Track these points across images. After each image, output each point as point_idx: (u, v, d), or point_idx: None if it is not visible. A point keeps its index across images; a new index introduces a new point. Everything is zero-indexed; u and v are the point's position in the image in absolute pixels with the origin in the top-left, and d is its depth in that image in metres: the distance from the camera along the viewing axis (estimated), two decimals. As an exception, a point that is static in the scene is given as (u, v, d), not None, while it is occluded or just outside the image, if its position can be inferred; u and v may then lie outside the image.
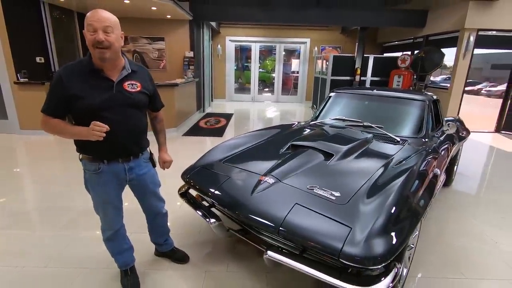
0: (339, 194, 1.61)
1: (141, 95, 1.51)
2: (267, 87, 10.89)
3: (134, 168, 1.58)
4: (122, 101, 1.43)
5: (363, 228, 1.36)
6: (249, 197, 1.68)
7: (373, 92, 3.01)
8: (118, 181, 1.57)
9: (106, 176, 1.51)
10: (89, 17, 1.28)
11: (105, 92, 1.39)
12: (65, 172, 3.61)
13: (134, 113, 1.49)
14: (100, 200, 1.58)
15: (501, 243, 2.36)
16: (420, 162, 1.96)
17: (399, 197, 1.54)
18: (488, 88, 17.76)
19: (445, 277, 1.95)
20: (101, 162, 1.48)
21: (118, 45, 1.36)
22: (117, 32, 1.35)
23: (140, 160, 1.61)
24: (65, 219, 2.53)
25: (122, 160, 1.52)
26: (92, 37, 1.28)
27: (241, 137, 2.57)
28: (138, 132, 1.55)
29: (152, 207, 1.81)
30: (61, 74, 1.33)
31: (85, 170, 1.53)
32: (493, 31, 5.85)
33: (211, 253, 2.15)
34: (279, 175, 1.81)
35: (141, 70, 1.56)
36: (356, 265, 1.27)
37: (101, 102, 1.37)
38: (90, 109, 1.35)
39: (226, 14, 6.95)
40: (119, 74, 1.43)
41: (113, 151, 1.48)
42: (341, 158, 2.03)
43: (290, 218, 1.49)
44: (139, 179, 1.64)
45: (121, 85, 1.43)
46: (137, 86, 1.48)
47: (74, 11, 6.16)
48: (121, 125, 1.43)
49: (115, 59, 1.40)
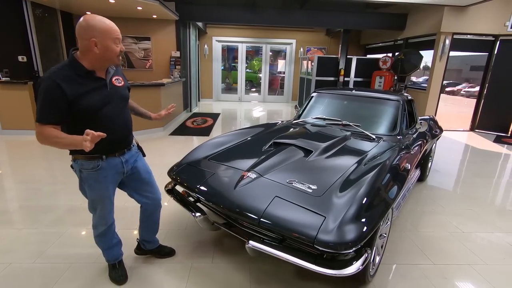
0: (315, 187, 1.73)
1: (125, 88, 1.64)
2: (254, 87, 11.01)
3: (129, 160, 1.66)
4: (115, 96, 1.53)
5: (336, 217, 1.49)
6: (233, 191, 1.78)
7: (351, 93, 3.16)
8: (116, 175, 1.63)
9: (105, 172, 1.56)
10: (114, 31, 1.40)
11: (102, 91, 1.47)
12: (50, 171, 3.60)
13: (124, 106, 1.61)
14: (99, 196, 1.60)
15: (466, 232, 2.56)
16: (392, 158, 2.11)
17: (369, 188, 1.67)
18: (467, 89, 18.50)
19: (416, 264, 2.11)
20: (99, 159, 1.52)
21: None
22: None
23: (132, 151, 1.70)
24: (51, 217, 2.55)
25: (118, 154, 1.59)
26: (118, 48, 1.42)
27: (226, 135, 2.66)
28: (130, 123, 1.66)
29: (152, 199, 1.84)
30: (55, 79, 1.33)
31: (81, 170, 1.53)
32: (467, 35, 6.17)
33: (197, 247, 2.23)
34: (261, 171, 1.92)
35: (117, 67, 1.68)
36: (330, 250, 1.40)
37: (101, 100, 1.45)
38: (93, 109, 1.42)
39: (212, 15, 7.01)
40: (107, 73, 1.52)
41: (112, 145, 1.55)
42: (320, 154, 2.16)
43: (270, 210, 1.60)
44: (134, 169, 1.71)
45: (111, 82, 1.53)
46: (121, 81, 1.60)
47: (57, 9, 6.09)
48: (118, 119, 1.53)
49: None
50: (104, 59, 1.42)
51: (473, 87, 18.33)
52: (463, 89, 18.73)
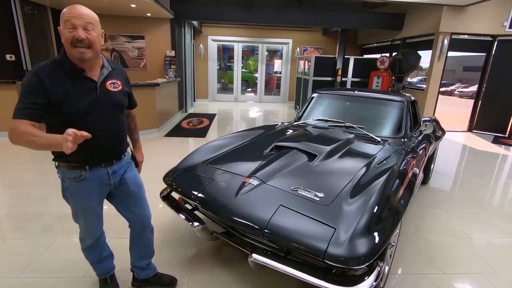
0: (323, 195, 1.62)
1: (123, 94, 1.42)
2: (250, 87, 10.89)
3: (117, 171, 1.47)
4: (106, 102, 1.33)
5: (347, 229, 1.38)
6: (233, 199, 1.66)
7: (354, 93, 3.06)
8: (101, 187, 1.44)
9: (88, 183, 1.38)
10: (67, 13, 1.15)
11: (89, 94, 1.27)
12: (39, 175, 3.44)
13: (117, 113, 1.41)
14: (81, 208, 1.45)
15: (475, 238, 2.47)
16: (400, 162, 2.01)
17: (381, 196, 1.57)
18: (460, 89, 18.64)
19: (425, 273, 2.01)
20: (82, 169, 1.35)
21: (98, 44, 1.25)
22: (98, 30, 1.24)
23: (122, 161, 1.50)
24: (39, 226, 2.40)
25: (104, 164, 1.40)
26: (71, 34, 1.15)
27: (224, 138, 2.54)
28: (122, 133, 1.46)
29: (138, 216, 1.61)
30: (40, 75, 1.17)
31: (63, 179, 1.38)
32: (465, 35, 6.13)
33: (194, 257, 2.11)
34: (263, 177, 1.81)
35: (118, 67, 1.47)
36: (341, 265, 1.28)
37: (87, 105, 1.26)
38: (75, 113, 1.23)
39: (208, 14, 6.87)
40: (100, 73, 1.32)
41: (97, 155, 1.37)
42: (324, 158, 2.05)
43: (274, 220, 1.49)
44: (122, 181, 1.51)
45: (104, 85, 1.33)
46: (118, 85, 1.39)
47: (47, 6, 5.88)
48: (105, 127, 1.34)
49: (95, 58, 1.29)
50: (68, 51, 1.21)
51: (467, 87, 18.50)
52: (457, 89, 18.87)
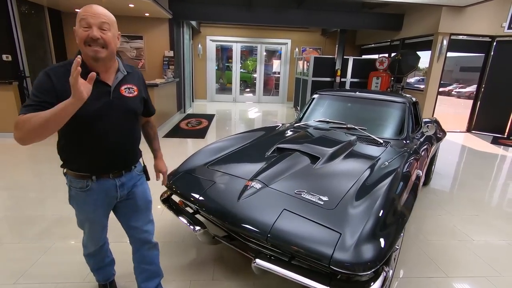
0: (327, 199, 1.59)
1: (138, 100, 1.34)
2: (248, 87, 10.86)
3: (126, 184, 1.37)
4: (119, 108, 1.24)
5: (353, 234, 1.35)
6: (236, 203, 1.63)
7: (355, 94, 3.04)
8: (107, 200, 1.36)
9: (95, 195, 1.31)
10: (82, 12, 1.11)
11: (101, 98, 1.19)
12: (36, 177, 3.39)
13: (130, 120, 1.32)
14: (86, 218, 1.40)
15: (477, 240, 2.46)
16: (403, 164, 1.99)
17: (386, 200, 1.54)
18: (458, 90, 18.72)
19: (428, 277, 1.99)
20: (89, 179, 1.28)
21: (114, 45, 1.19)
22: (114, 31, 1.18)
23: (132, 173, 1.41)
24: (37, 229, 2.36)
25: (113, 175, 1.32)
26: (85, 33, 1.10)
27: (225, 140, 2.51)
28: (134, 142, 1.37)
29: (138, 233, 1.50)
30: (50, 75, 1.12)
31: (70, 187, 1.33)
32: (464, 36, 6.14)
33: (195, 261, 2.08)
34: (265, 180, 1.78)
35: (135, 71, 1.38)
36: (347, 271, 1.26)
37: (97, 110, 1.18)
38: (85, 117, 1.15)
39: (207, 14, 6.84)
40: (115, 77, 1.24)
41: (105, 165, 1.29)
42: (327, 161, 2.02)
43: (278, 225, 1.46)
44: (130, 195, 1.42)
45: (118, 90, 1.25)
46: (134, 90, 1.31)
47: (44, 6, 5.82)
48: (116, 135, 1.26)
49: (110, 60, 1.22)
50: (82, 51, 1.15)
51: (464, 88, 18.58)
52: (454, 89, 18.95)
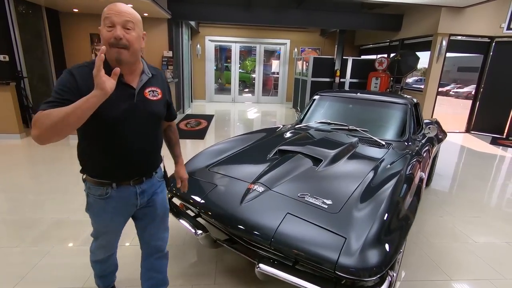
0: (331, 202, 1.57)
1: (162, 104, 1.27)
2: (247, 88, 10.83)
3: (146, 191, 1.32)
4: (142, 111, 1.19)
5: (358, 238, 1.33)
6: (239, 207, 1.61)
7: (356, 96, 3.03)
8: (127, 208, 1.30)
9: (114, 203, 1.25)
10: (106, 10, 1.07)
11: (125, 101, 1.13)
12: (34, 179, 3.35)
13: (153, 125, 1.26)
14: (103, 227, 1.34)
15: (479, 242, 2.45)
16: (406, 167, 1.98)
17: (390, 203, 1.53)
18: (455, 90, 18.78)
19: (432, 280, 1.98)
20: (109, 186, 1.22)
21: (138, 46, 1.13)
22: (138, 30, 1.12)
23: (153, 180, 1.35)
24: (35, 233, 2.32)
25: (134, 182, 1.26)
26: (110, 33, 1.05)
27: (226, 142, 2.49)
28: (156, 148, 1.32)
29: (153, 240, 1.45)
30: (73, 72, 1.07)
31: (88, 194, 1.27)
32: (463, 36, 6.15)
33: (197, 264, 2.05)
34: (268, 183, 1.76)
35: (159, 74, 1.31)
36: (352, 277, 1.24)
37: (120, 113, 1.12)
38: (107, 121, 1.10)
39: (206, 14, 6.81)
40: (139, 79, 1.19)
41: (126, 171, 1.23)
42: (330, 163, 2.00)
43: (282, 229, 1.44)
44: (150, 203, 1.36)
45: (142, 93, 1.19)
46: (158, 93, 1.25)
47: (42, 6, 5.77)
48: (139, 139, 1.21)
49: (134, 62, 1.15)
50: (106, 52, 1.06)
51: (461, 88, 18.65)
52: (452, 89, 19.01)
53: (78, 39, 6.76)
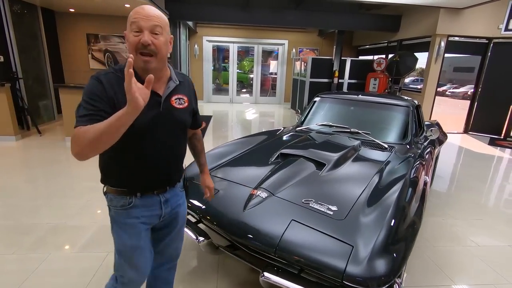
0: (336, 208, 1.54)
1: (188, 112, 1.21)
2: (245, 88, 10.80)
3: (169, 200, 1.25)
4: (168, 120, 1.13)
5: (365, 246, 1.30)
6: (242, 213, 1.57)
7: (358, 98, 3.00)
8: (151, 219, 1.22)
9: (137, 212, 1.17)
10: (133, 14, 1.00)
11: (151, 110, 1.07)
12: (30, 182, 3.28)
13: (178, 133, 1.20)
14: (129, 245, 1.20)
15: (482, 246, 2.43)
16: (410, 170, 1.96)
17: (397, 209, 1.50)
18: (452, 90, 18.88)
19: (437, 285, 1.96)
20: (132, 195, 1.15)
21: (165, 51, 1.06)
22: (166, 35, 1.05)
23: (176, 189, 1.28)
24: (31, 239, 2.27)
25: (157, 191, 1.20)
26: (136, 38, 0.99)
27: (226, 145, 2.45)
28: (180, 156, 1.26)
29: (167, 250, 1.39)
30: (101, 79, 1.02)
31: (110, 207, 1.18)
32: (462, 38, 6.16)
33: (198, 270, 2.01)
34: (271, 188, 1.72)
35: (186, 80, 1.25)
36: (360, 286, 1.21)
37: (146, 122, 1.06)
38: (132, 131, 1.00)
39: (204, 14, 6.76)
40: (166, 86, 1.13)
41: (151, 180, 1.17)
42: (333, 167, 1.97)
43: (287, 237, 1.40)
44: (173, 215, 1.30)
45: (168, 101, 1.13)
46: (185, 101, 1.19)
47: (37, 5, 5.69)
48: (164, 148, 1.15)
49: (161, 69, 1.09)
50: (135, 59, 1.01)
51: (457, 88, 18.75)
52: (448, 90, 19.12)
53: (74, 39, 6.69)
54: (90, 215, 2.63)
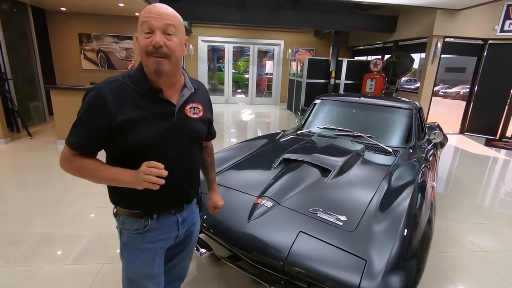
0: (345, 219, 1.47)
1: (203, 122, 1.10)
2: (240, 88, 10.71)
3: (187, 219, 1.14)
4: (182, 131, 1.02)
5: (380, 260, 1.24)
6: (246, 224, 1.49)
7: (359, 100, 2.95)
8: (167, 242, 1.10)
9: (153, 236, 1.05)
10: (144, 13, 0.90)
11: (164, 121, 0.97)
12: (20, 189, 3.15)
13: (193, 146, 1.08)
14: (143, 274, 1.07)
15: (487, 251, 2.40)
16: (418, 175, 1.90)
17: (409, 218, 1.44)
18: (444, 90, 19.10)
19: (444, 293, 1.91)
20: (148, 217, 1.03)
21: (180, 54, 0.95)
22: (180, 35, 0.95)
23: (192, 206, 1.17)
24: (21, 250, 2.15)
25: (175, 210, 1.08)
26: (148, 40, 0.88)
27: (226, 150, 2.37)
28: (196, 171, 1.14)
29: (176, 268, 1.28)
30: (104, 93, 0.90)
31: (122, 231, 1.06)
32: (458, 39, 6.17)
33: (199, 283, 1.93)
34: (276, 196, 1.65)
35: (201, 87, 1.13)
36: (376, 304, 1.14)
37: (158, 134, 0.95)
38: (143, 145, 0.94)
39: (199, 14, 6.65)
40: (180, 94, 1.01)
41: (169, 199, 1.05)
42: (339, 174, 1.91)
43: (296, 250, 1.33)
44: (189, 234, 1.19)
45: (182, 110, 1.02)
46: (199, 110, 1.07)
47: (27, 4, 5.52)
48: (181, 163, 1.03)
49: (175, 74, 0.98)
50: (143, 62, 0.94)
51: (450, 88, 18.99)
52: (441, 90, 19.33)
53: (66, 39, 6.52)
54: (84, 223, 2.52)
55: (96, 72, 6.78)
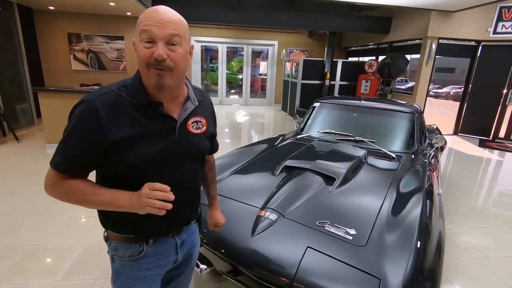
0: (355, 232, 1.40)
1: (206, 137, 1.00)
2: (233, 89, 10.60)
3: (186, 241, 1.03)
4: (184, 148, 0.91)
5: (394, 278, 1.16)
6: (250, 239, 1.40)
7: (360, 103, 2.88)
8: (164, 267, 0.99)
9: (149, 263, 0.94)
10: (145, 19, 0.77)
11: (164, 138, 0.87)
12: (6, 197, 2.99)
13: (195, 163, 0.97)
14: None
15: (491, 257, 2.36)
16: (423, 182, 1.85)
17: (421, 229, 1.38)
18: (435, 90, 19.36)
19: (452, 304, 1.86)
20: (143, 242, 0.92)
21: (184, 66, 0.84)
22: (185, 45, 0.82)
23: (191, 226, 1.06)
24: (7, 265, 2.02)
25: (173, 233, 0.98)
26: (148, 51, 0.77)
27: (226, 156, 2.27)
28: (198, 190, 1.04)
29: None
30: (97, 107, 0.78)
31: (113, 257, 0.95)
32: (452, 40, 6.20)
33: (197, 297, 1.83)
34: (280, 208, 1.56)
35: (205, 98, 1.03)
36: (392, 327, 1.07)
37: (157, 153, 0.85)
38: (139, 164, 0.83)
39: (193, 14, 6.52)
40: (182, 108, 0.91)
41: (166, 222, 0.93)
42: (343, 182, 1.83)
43: (304, 268, 1.25)
44: (188, 256, 1.08)
45: (184, 125, 0.91)
46: (203, 125, 0.97)
47: (13, 2, 5.32)
48: (180, 183, 0.91)
49: (178, 87, 0.88)
50: (142, 74, 0.83)
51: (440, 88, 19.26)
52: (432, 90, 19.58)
53: (54, 39, 6.32)
54: (75, 234, 2.40)
55: (86, 73, 6.60)
